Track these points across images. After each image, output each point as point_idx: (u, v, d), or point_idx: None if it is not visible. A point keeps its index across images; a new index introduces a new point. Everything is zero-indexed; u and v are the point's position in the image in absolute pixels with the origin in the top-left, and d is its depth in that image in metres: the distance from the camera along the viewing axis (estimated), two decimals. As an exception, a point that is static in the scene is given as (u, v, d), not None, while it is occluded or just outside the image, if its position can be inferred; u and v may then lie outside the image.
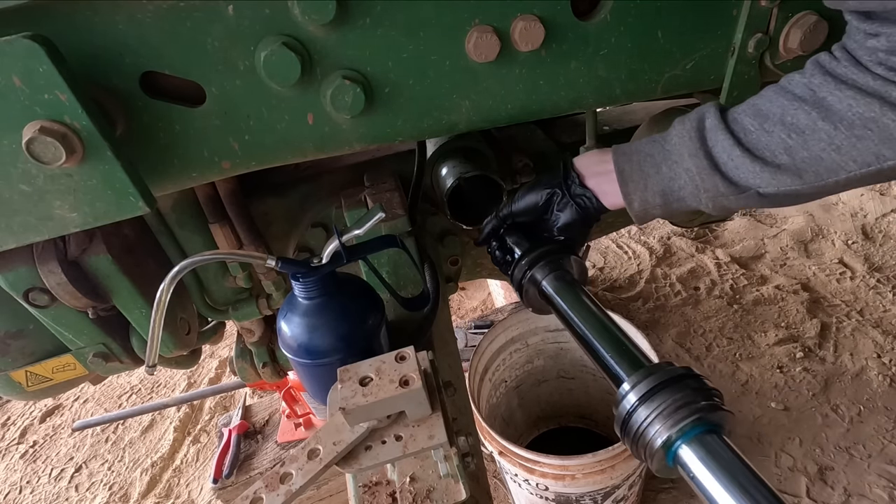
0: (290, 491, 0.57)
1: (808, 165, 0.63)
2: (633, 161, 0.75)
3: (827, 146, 0.61)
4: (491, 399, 1.91)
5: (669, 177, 0.72)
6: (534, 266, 0.83)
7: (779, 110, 0.65)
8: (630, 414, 0.57)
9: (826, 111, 0.61)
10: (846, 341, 2.36)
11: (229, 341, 2.54)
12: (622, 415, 0.58)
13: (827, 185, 0.64)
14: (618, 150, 0.77)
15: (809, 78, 0.63)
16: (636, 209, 0.76)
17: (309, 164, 1.16)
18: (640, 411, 0.56)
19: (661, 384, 0.56)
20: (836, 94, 0.60)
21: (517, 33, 0.70)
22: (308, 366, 0.74)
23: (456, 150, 1.07)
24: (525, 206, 0.86)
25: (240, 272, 1.08)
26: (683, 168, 0.70)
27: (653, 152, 0.74)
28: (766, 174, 0.65)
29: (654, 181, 0.73)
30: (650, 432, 0.55)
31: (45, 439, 2.70)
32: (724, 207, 0.70)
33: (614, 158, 0.76)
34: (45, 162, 0.58)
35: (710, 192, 0.69)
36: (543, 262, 0.82)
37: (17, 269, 0.80)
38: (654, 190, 0.73)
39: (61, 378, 1.01)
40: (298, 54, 0.65)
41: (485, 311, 2.75)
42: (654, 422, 0.55)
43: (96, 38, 0.62)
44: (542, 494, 1.59)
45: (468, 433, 0.70)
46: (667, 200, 0.74)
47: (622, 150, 0.77)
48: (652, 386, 0.56)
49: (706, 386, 0.57)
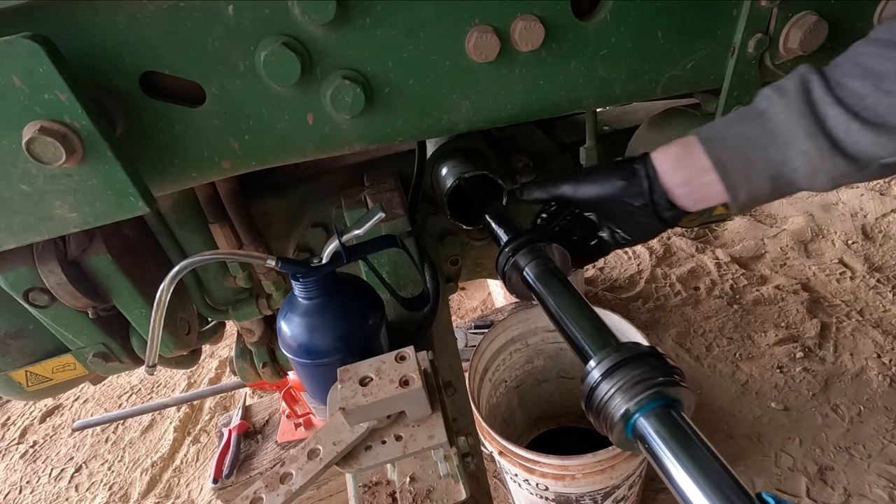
0: (290, 491, 0.57)
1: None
2: (731, 148, 0.66)
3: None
4: (491, 399, 1.91)
5: (780, 160, 0.63)
6: (517, 253, 0.82)
7: (891, 65, 0.57)
8: (593, 389, 0.59)
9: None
10: (846, 341, 2.36)
11: (229, 341, 2.54)
12: (586, 389, 0.60)
13: None
14: (706, 136, 0.67)
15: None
16: (742, 200, 0.67)
17: (309, 164, 1.16)
18: (602, 385, 0.58)
19: (623, 361, 0.58)
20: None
21: (517, 33, 0.70)
22: (308, 366, 0.74)
23: (456, 150, 1.07)
24: (591, 196, 0.75)
25: (240, 272, 1.08)
26: (798, 150, 0.62)
27: (753, 134, 0.64)
28: (893, 143, 0.57)
29: (760, 167, 0.64)
30: (611, 405, 0.57)
31: (45, 439, 2.70)
32: (842, 184, 0.63)
33: (705, 147, 0.67)
34: (45, 162, 0.58)
35: (829, 172, 0.61)
36: (526, 250, 0.81)
37: (17, 269, 0.80)
38: (762, 177, 0.64)
39: (61, 378, 1.01)
40: (298, 54, 0.65)
41: (485, 311, 2.75)
42: (615, 395, 0.57)
43: (96, 38, 0.62)
44: (542, 494, 1.59)
45: (468, 433, 0.70)
46: (776, 185, 0.65)
47: (712, 137, 0.67)
48: (615, 362, 0.58)
49: (667, 364, 0.58)
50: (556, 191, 0.78)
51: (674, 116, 0.97)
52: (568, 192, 0.77)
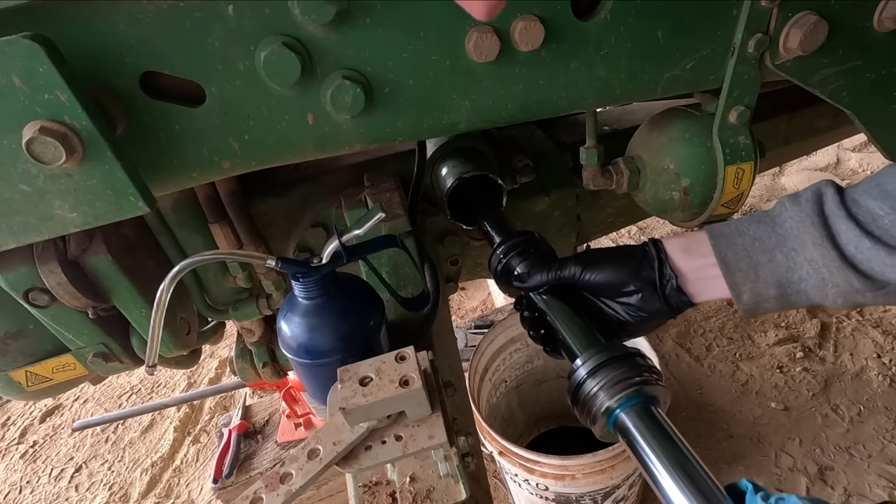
0: (290, 491, 0.57)
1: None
2: (738, 246, 0.65)
3: None
4: (491, 399, 1.91)
5: (787, 266, 0.63)
6: (508, 255, 0.84)
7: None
8: (579, 385, 0.65)
9: None
10: (846, 341, 2.36)
11: (229, 341, 2.54)
12: (573, 386, 0.66)
13: None
14: (716, 232, 0.67)
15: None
16: (745, 302, 0.66)
17: (309, 164, 1.16)
18: (588, 383, 0.64)
19: (607, 360, 0.63)
20: None
21: (517, 33, 0.70)
22: (308, 366, 0.74)
23: (456, 150, 1.07)
24: (597, 281, 0.73)
25: (240, 272, 1.08)
26: (805, 258, 0.61)
27: (761, 236, 0.64)
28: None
29: (766, 270, 0.63)
30: (595, 401, 0.63)
31: (45, 439, 2.70)
32: (858, 303, 0.60)
33: (712, 243, 0.66)
34: (45, 162, 0.58)
35: (840, 287, 0.59)
36: (517, 252, 0.84)
37: (17, 269, 0.80)
38: (768, 281, 0.63)
39: (61, 378, 1.01)
40: (298, 54, 0.65)
41: (485, 311, 2.75)
42: (599, 392, 0.62)
43: (96, 38, 0.62)
44: (542, 494, 1.59)
45: (468, 433, 0.70)
46: (784, 293, 0.64)
47: (720, 233, 0.67)
48: (599, 362, 0.64)
49: (647, 364, 0.64)
50: (562, 272, 0.74)
51: (674, 116, 0.97)
52: (575, 273, 0.74)
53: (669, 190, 0.97)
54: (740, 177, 0.91)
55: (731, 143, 0.88)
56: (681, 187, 0.95)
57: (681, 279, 0.69)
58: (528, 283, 0.77)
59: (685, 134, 0.94)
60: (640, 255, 0.72)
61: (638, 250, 0.72)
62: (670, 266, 0.70)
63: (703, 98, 0.96)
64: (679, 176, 0.95)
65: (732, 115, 0.86)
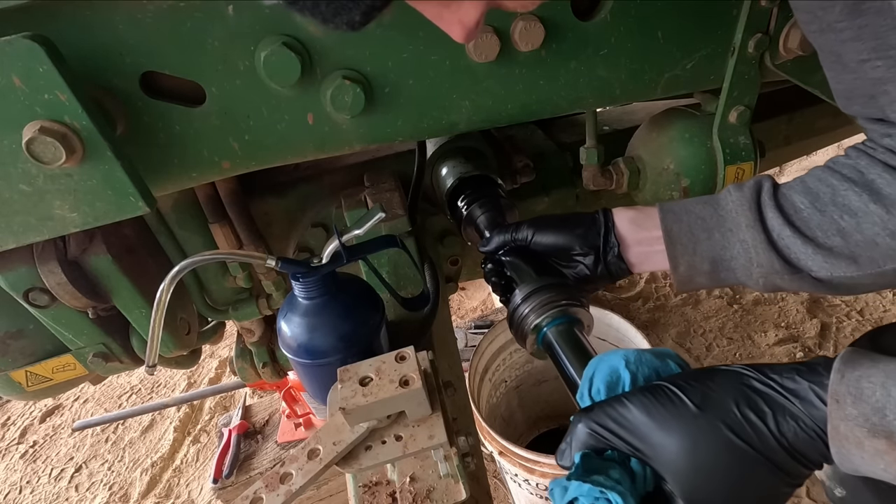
0: (290, 491, 0.57)
1: (862, 250, 0.60)
2: (683, 222, 0.70)
3: (881, 230, 0.59)
4: (491, 399, 1.91)
5: (722, 245, 0.68)
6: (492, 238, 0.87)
7: (829, 190, 0.63)
8: (515, 309, 0.74)
9: (876, 194, 0.59)
10: (846, 341, 2.35)
11: (229, 341, 2.54)
12: (510, 311, 0.75)
13: (885, 273, 0.60)
14: (666, 208, 0.72)
15: (855, 160, 0.63)
16: (681, 273, 0.71)
17: (309, 164, 1.16)
18: (521, 306, 0.73)
19: (539, 288, 0.72)
20: (885, 177, 0.59)
21: (517, 33, 0.70)
22: (308, 366, 0.74)
23: (456, 150, 1.07)
24: (547, 243, 0.79)
25: (240, 272, 1.08)
26: (738, 238, 0.67)
27: (704, 215, 0.70)
28: (819, 257, 0.62)
29: (704, 246, 0.69)
30: (526, 321, 0.72)
31: (45, 439, 2.70)
32: (776, 286, 0.67)
33: (661, 217, 0.71)
34: (45, 162, 0.58)
35: (763, 267, 0.65)
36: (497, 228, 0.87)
37: (17, 269, 0.80)
38: (704, 256, 0.69)
39: (61, 378, 1.01)
40: (298, 54, 0.65)
41: (485, 311, 2.75)
42: (530, 313, 0.71)
43: (96, 38, 0.62)
44: (542, 494, 1.59)
45: (468, 433, 0.70)
46: (715, 269, 0.69)
47: (671, 209, 0.72)
48: (532, 289, 0.72)
49: (573, 292, 0.72)
50: (517, 234, 0.80)
51: (674, 116, 0.97)
52: (527, 236, 0.80)
53: (669, 190, 0.97)
54: (740, 177, 0.91)
55: (731, 143, 0.89)
56: (681, 187, 0.95)
57: (623, 248, 0.74)
58: (490, 246, 0.85)
59: (685, 134, 0.94)
60: (588, 222, 0.77)
61: (587, 217, 0.77)
62: (616, 235, 0.74)
63: (703, 98, 0.96)
64: (679, 176, 0.95)
65: (732, 115, 0.86)
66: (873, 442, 0.41)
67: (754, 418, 0.46)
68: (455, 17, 0.45)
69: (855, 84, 0.59)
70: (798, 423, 0.46)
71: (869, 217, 0.60)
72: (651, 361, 0.56)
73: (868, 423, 0.42)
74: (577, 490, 0.49)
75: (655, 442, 0.48)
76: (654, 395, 0.50)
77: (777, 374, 0.48)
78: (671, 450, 0.47)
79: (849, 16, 0.53)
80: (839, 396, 0.44)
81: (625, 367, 0.55)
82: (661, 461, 0.48)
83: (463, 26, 0.45)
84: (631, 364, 0.55)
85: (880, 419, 0.41)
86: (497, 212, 0.92)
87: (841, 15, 0.54)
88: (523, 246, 0.81)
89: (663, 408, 0.49)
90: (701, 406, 0.48)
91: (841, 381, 0.44)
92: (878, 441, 0.41)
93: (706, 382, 0.50)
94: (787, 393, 0.47)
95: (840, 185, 0.62)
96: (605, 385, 0.55)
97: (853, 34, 0.54)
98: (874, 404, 0.42)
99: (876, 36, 0.52)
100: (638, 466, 0.50)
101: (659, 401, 0.49)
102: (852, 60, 0.56)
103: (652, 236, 0.72)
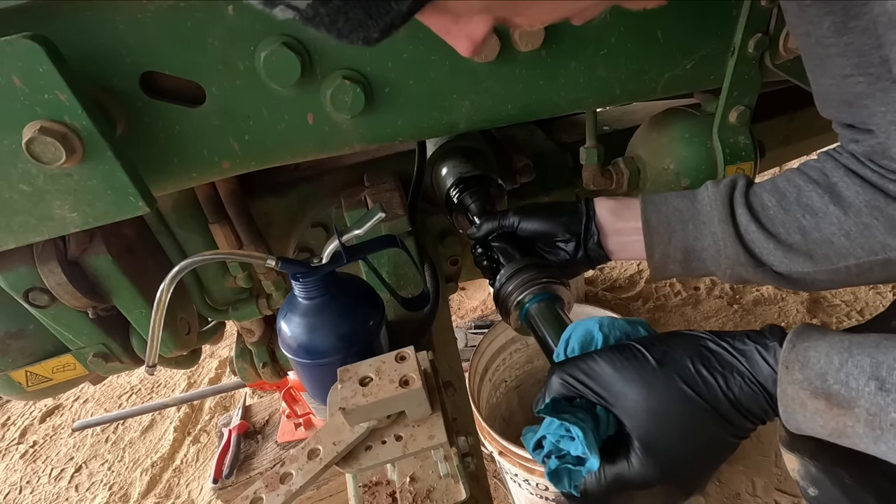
0: (290, 491, 0.57)
1: (818, 248, 0.65)
2: (661, 213, 0.74)
3: (837, 230, 0.64)
4: (491, 399, 1.91)
5: (695, 236, 0.72)
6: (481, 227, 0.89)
7: (795, 190, 0.67)
8: (500, 288, 0.78)
9: (837, 196, 0.64)
10: (846, 341, 2.35)
11: (229, 341, 2.54)
12: (496, 289, 0.79)
13: (839, 269, 0.65)
14: (647, 199, 0.76)
15: (822, 163, 0.67)
16: (656, 261, 0.75)
17: (309, 164, 1.16)
18: (506, 285, 0.77)
19: (522, 268, 0.76)
20: (846, 181, 0.64)
21: (517, 33, 0.70)
22: (308, 366, 0.74)
23: (456, 150, 1.07)
24: (532, 230, 0.83)
25: (240, 272, 1.08)
26: (710, 230, 0.70)
27: (682, 207, 0.73)
28: (780, 252, 0.66)
29: (679, 237, 0.73)
30: (510, 298, 0.76)
31: (45, 439, 2.70)
32: (742, 277, 0.70)
33: (643, 207, 0.75)
34: (45, 162, 0.58)
35: (730, 259, 0.69)
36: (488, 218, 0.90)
37: (17, 269, 0.80)
38: (677, 246, 0.73)
39: (61, 378, 1.01)
40: (298, 54, 0.65)
41: (485, 311, 2.75)
42: (514, 291, 0.76)
43: (96, 38, 0.63)
44: (542, 494, 1.59)
45: (468, 433, 0.70)
46: (687, 258, 0.73)
47: (651, 200, 0.75)
48: (516, 268, 0.77)
49: (555, 272, 0.77)
50: (504, 221, 0.85)
51: (674, 116, 0.97)
52: (514, 223, 0.84)
53: (669, 190, 0.97)
54: (740, 177, 0.91)
55: (731, 143, 0.89)
56: (681, 187, 0.95)
57: (603, 237, 0.78)
58: (479, 233, 0.89)
59: (685, 134, 0.94)
60: (571, 211, 0.80)
61: (570, 206, 0.82)
62: (596, 223, 0.78)
63: (703, 98, 0.96)
64: (679, 176, 0.95)
65: (732, 115, 0.86)
66: (814, 402, 0.47)
67: (706, 373, 0.52)
68: (463, 32, 0.46)
69: (833, 90, 0.62)
70: (744, 380, 0.52)
71: (828, 217, 0.64)
72: (623, 326, 0.61)
73: (811, 386, 0.47)
74: (546, 427, 0.57)
75: (618, 391, 0.54)
76: (620, 352, 0.55)
77: (730, 338, 0.54)
78: (631, 397, 0.53)
79: (836, 33, 0.56)
80: (789, 364, 0.49)
81: (598, 330, 0.60)
82: (621, 407, 0.54)
83: (471, 41, 0.46)
84: (604, 328, 0.60)
85: (822, 383, 0.47)
86: (486, 200, 0.96)
87: (829, 31, 0.57)
88: (510, 232, 0.85)
89: (628, 362, 0.54)
90: (660, 361, 0.53)
91: (791, 350, 0.50)
92: (818, 402, 0.47)
93: (668, 343, 0.55)
94: (737, 353, 0.53)
95: (805, 186, 0.67)
96: (579, 345, 0.60)
97: (839, 50, 0.57)
98: (818, 370, 0.47)
99: (860, 53, 0.55)
100: (602, 412, 0.55)
101: (625, 356, 0.54)
102: (836, 74, 0.59)
103: (630, 227, 0.76)
